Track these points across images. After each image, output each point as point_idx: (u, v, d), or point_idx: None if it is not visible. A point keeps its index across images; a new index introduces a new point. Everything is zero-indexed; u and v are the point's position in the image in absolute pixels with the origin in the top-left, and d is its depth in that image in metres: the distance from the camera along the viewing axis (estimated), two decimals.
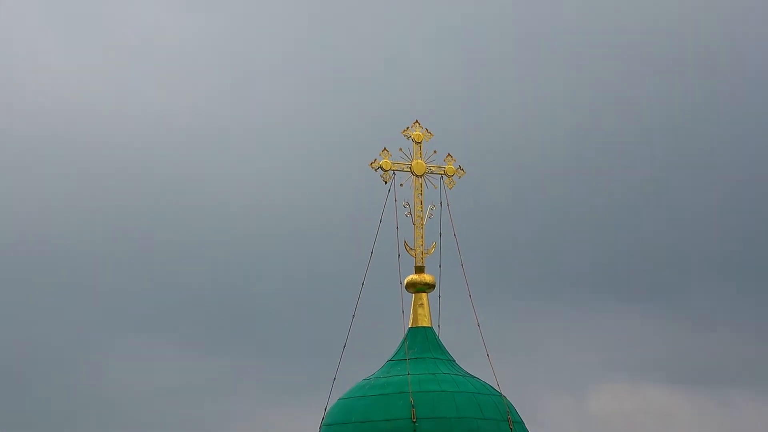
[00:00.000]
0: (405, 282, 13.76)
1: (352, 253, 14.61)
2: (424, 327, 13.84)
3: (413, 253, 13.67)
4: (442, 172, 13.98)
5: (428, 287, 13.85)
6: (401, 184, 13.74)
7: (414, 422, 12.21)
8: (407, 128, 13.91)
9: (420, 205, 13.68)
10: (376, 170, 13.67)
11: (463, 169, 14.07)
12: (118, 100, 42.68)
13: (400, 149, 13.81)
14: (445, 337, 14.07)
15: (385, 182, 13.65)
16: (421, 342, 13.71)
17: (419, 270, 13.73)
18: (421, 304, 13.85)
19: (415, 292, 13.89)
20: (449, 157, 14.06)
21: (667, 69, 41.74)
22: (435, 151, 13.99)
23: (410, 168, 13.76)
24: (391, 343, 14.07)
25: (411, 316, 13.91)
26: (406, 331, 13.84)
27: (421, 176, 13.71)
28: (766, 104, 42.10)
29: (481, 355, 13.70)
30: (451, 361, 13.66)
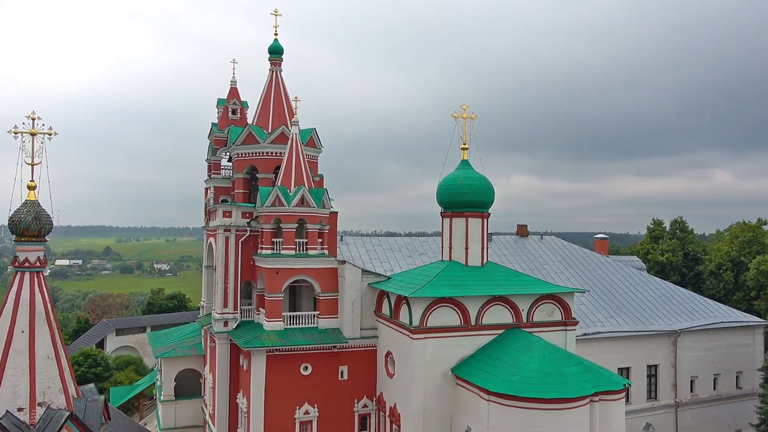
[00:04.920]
0: (461, 148, 47.15)
1: (447, 141, 47.21)
2: (466, 160, 47.05)
3: (463, 140, 46.64)
4: (471, 117, 46.49)
5: (467, 150, 47.08)
6: (459, 121, 46.43)
7: (462, 184, 45.98)
8: (462, 105, 45.84)
9: (464, 128, 46.37)
10: (452, 117, 46.42)
11: (475, 116, 46.44)
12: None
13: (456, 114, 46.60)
14: (473, 162, 47.29)
15: (455, 120, 46.12)
16: (465, 164, 46.98)
17: (464, 146, 46.81)
18: (466, 153, 47.34)
19: (464, 150, 47.24)
20: (473, 113, 46.44)
21: None
22: (473, 114, 46.77)
23: (462, 116, 46.36)
24: (456, 164, 47.51)
25: (462, 157, 47.22)
26: (461, 160, 47.38)
27: (465, 119, 46.32)
28: None
29: (481, 168, 47.04)
30: (474, 170, 46.88)
